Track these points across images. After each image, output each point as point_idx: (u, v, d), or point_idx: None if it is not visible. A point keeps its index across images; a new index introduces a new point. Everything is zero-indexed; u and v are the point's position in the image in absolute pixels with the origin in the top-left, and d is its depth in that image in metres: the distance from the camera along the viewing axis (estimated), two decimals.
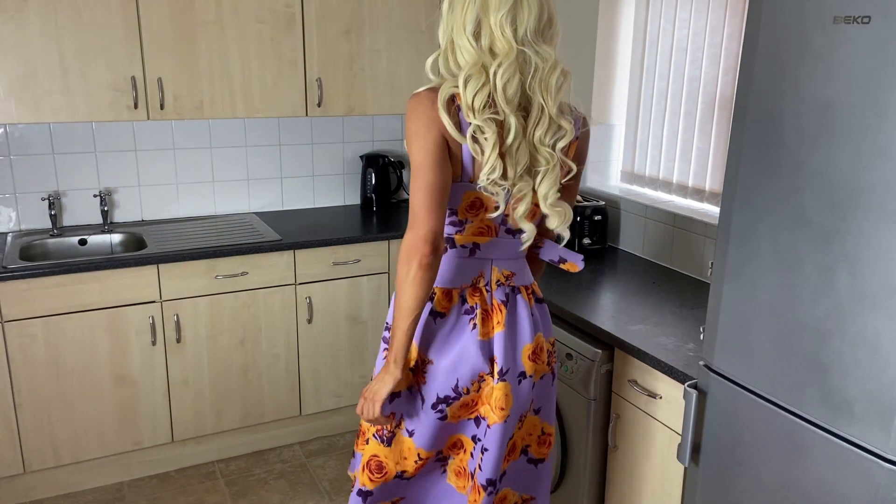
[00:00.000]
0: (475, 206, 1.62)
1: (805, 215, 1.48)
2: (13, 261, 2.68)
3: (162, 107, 2.90)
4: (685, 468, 1.91)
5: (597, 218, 2.89)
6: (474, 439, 1.74)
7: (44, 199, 3.05)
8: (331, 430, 3.34)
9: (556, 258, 1.80)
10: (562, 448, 2.36)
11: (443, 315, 1.66)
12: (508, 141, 1.53)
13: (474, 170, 1.58)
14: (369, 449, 1.76)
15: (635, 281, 2.63)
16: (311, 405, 3.23)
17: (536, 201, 1.63)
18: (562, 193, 1.67)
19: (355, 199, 3.71)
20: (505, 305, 1.67)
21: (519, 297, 1.71)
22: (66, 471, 2.86)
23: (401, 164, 3.63)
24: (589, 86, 3.09)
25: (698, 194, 2.75)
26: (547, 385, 1.81)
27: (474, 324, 1.66)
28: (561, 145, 1.59)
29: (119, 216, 3.24)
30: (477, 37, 1.52)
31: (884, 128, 1.32)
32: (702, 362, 1.78)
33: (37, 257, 2.91)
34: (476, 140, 1.53)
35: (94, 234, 3.09)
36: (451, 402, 1.67)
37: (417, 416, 1.69)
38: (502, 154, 1.54)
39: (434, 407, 1.67)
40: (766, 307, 1.58)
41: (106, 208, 3.12)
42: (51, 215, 3.03)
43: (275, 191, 3.54)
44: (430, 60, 1.60)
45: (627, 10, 3.01)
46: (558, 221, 1.64)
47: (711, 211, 2.67)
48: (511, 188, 1.58)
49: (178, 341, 2.90)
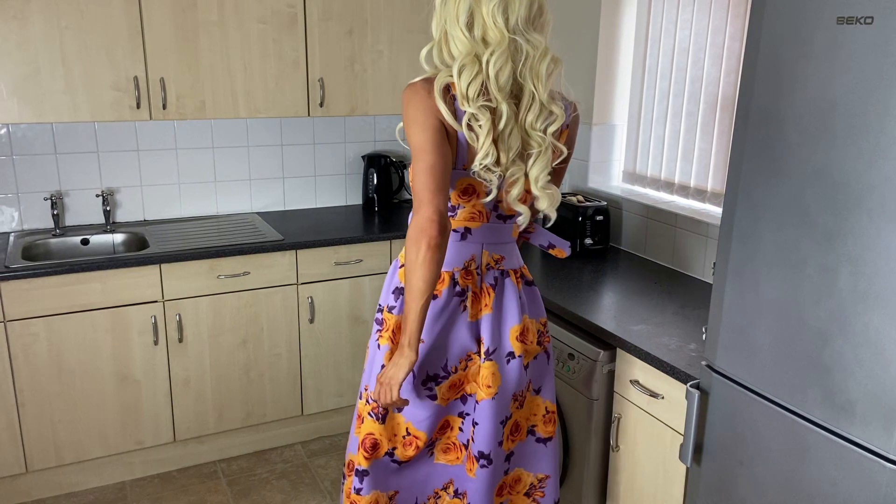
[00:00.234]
0: (468, 192, 1.68)
1: (807, 215, 1.48)
2: (15, 260, 2.68)
3: (164, 107, 2.90)
4: (687, 468, 1.91)
5: (599, 218, 2.89)
6: (461, 415, 1.81)
7: (46, 199, 3.06)
8: (332, 430, 3.34)
9: (545, 243, 1.87)
10: (564, 448, 2.36)
11: (435, 297, 1.71)
12: (500, 127, 1.58)
13: (468, 156, 1.64)
14: (365, 428, 1.81)
15: (637, 281, 2.63)
16: (313, 405, 3.24)
17: (528, 186, 1.68)
18: (552, 176, 1.74)
19: (357, 199, 3.72)
20: (493, 289, 1.75)
21: (507, 280, 1.77)
22: (68, 470, 2.86)
23: (402, 165, 3.63)
24: (591, 86, 3.09)
25: (700, 195, 2.75)
26: (542, 364, 1.87)
27: (465, 305, 1.73)
28: (552, 129, 1.64)
29: (121, 216, 3.25)
30: (470, 27, 1.57)
31: (886, 128, 1.32)
32: (704, 362, 1.78)
33: (39, 257, 2.91)
34: (471, 128, 1.58)
35: (97, 233, 3.09)
36: (440, 381, 1.73)
37: (408, 393, 1.74)
38: (495, 140, 1.59)
39: (424, 384, 1.73)
40: (768, 307, 1.58)
41: (108, 208, 3.13)
42: (53, 215, 3.03)
43: (277, 191, 3.54)
44: (424, 51, 1.65)
45: (629, 11, 3.01)
46: (548, 203, 1.70)
47: (713, 211, 2.67)
48: (504, 173, 1.64)
49: (181, 341, 2.90)
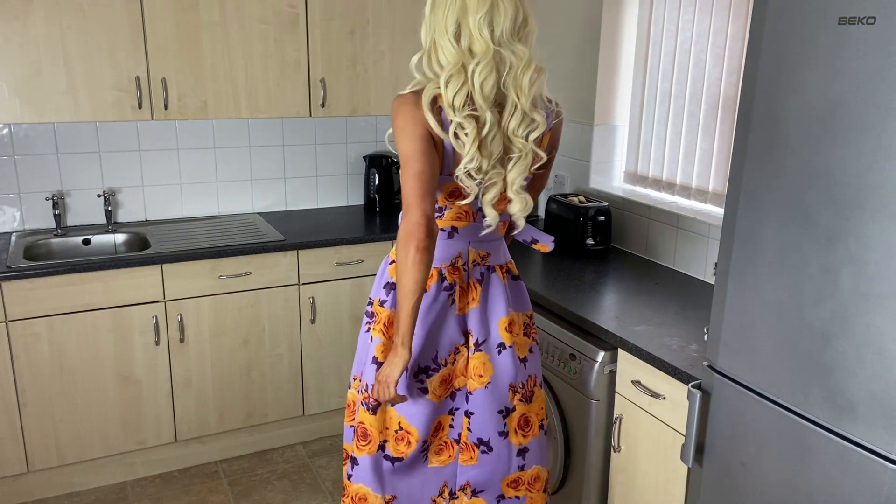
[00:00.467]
0: (454, 195, 1.76)
1: (809, 216, 1.48)
2: (17, 260, 2.68)
3: (166, 107, 2.91)
4: (689, 469, 1.91)
5: (600, 219, 2.89)
6: (451, 412, 1.86)
7: (48, 199, 3.06)
8: (334, 431, 3.34)
9: (528, 239, 1.94)
10: (565, 449, 2.36)
11: (424, 291, 1.76)
12: (483, 133, 1.65)
13: (454, 163, 1.71)
14: (357, 417, 1.90)
15: (639, 282, 2.63)
16: (314, 405, 3.24)
17: (504, 189, 1.75)
18: (533, 181, 1.86)
19: (358, 199, 3.72)
20: (480, 283, 1.83)
21: (494, 275, 1.85)
22: (69, 470, 2.86)
23: None
24: (593, 87, 3.09)
25: (702, 195, 2.75)
26: (537, 358, 1.96)
27: (452, 299, 1.81)
28: (533, 136, 1.70)
29: (123, 216, 3.25)
30: (457, 38, 1.64)
31: (888, 128, 1.32)
32: (705, 363, 1.78)
33: (41, 257, 2.91)
34: (457, 136, 1.65)
35: (98, 233, 3.10)
36: (430, 373, 1.80)
37: (401, 386, 1.79)
38: (480, 147, 1.67)
39: (416, 377, 1.81)
40: (770, 308, 1.58)
41: (110, 208, 3.13)
42: (55, 215, 3.03)
43: (278, 191, 3.54)
44: (414, 59, 1.71)
45: (631, 12, 3.01)
46: (520, 207, 1.77)
47: (715, 212, 2.67)
48: (483, 177, 1.71)
49: (182, 341, 2.90)
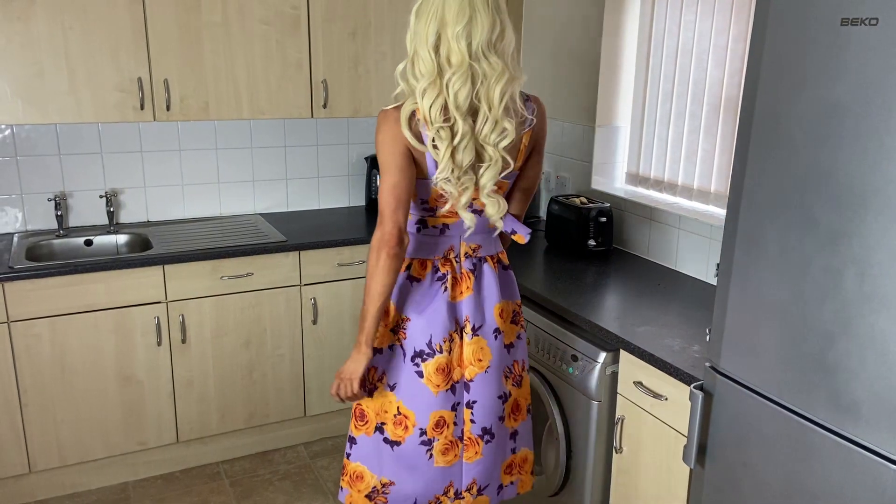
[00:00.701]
0: (442, 197, 1.83)
1: (812, 217, 1.48)
2: (19, 261, 2.69)
3: (168, 108, 2.91)
4: (691, 470, 1.91)
5: (602, 220, 2.88)
6: (454, 407, 1.90)
7: (50, 200, 3.06)
8: (335, 432, 3.34)
9: (509, 230, 1.98)
10: (566, 450, 2.36)
11: (419, 280, 1.89)
12: (455, 142, 1.72)
13: (437, 169, 1.77)
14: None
15: (641, 283, 2.63)
16: (316, 406, 3.24)
17: (477, 194, 1.80)
18: (524, 176, 1.94)
19: (360, 200, 3.72)
20: (472, 273, 1.90)
21: (485, 265, 1.93)
22: (71, 471, 2.86)
23: None
24: (594, 88, 3.09)
25: (703, 196, 2.75)
26: (524, 344, 2.03)
27: (445, 287, 1.88)
28: (503, 144, 1.76)
29: (125, 217, 3.25)
30: (437, 49, 1.70)
31: (891, 129, 1.32)
32: (708, 364, 1.78)
33: (43, 258, 2.92)
34: (436, 146, 1.72)
35: (100, 234, 3.10)
36: (426, 357, 1.86)
37: (399, 370, 1.88)
38: (453, 154, 1.73)
39: (412, 360, 1.87)
40: (772, 308, 1.58)
41: (112, 209, 3.13)
42: (57, 216, 3.04)
43: (280, 192, 3.54)
44: (399, 67, 1.77)
45: (633, 13, 3.01)
46: (494, 210, 1.82)
47: (717, 213, 2.67)
48: (457, 182, 1.77)
49: (184, 342, 2.90)
